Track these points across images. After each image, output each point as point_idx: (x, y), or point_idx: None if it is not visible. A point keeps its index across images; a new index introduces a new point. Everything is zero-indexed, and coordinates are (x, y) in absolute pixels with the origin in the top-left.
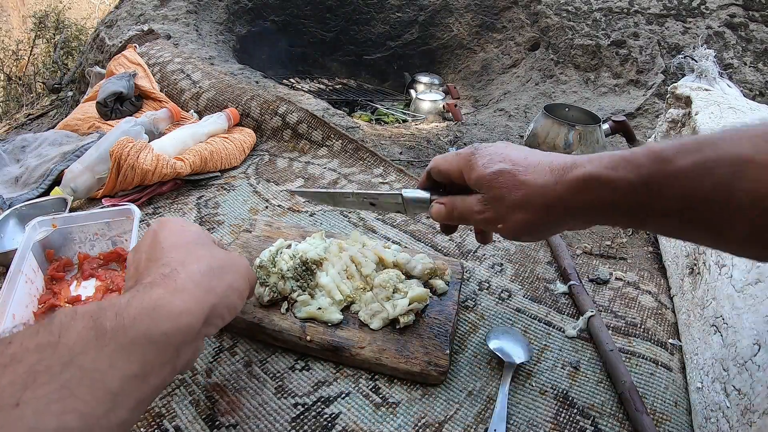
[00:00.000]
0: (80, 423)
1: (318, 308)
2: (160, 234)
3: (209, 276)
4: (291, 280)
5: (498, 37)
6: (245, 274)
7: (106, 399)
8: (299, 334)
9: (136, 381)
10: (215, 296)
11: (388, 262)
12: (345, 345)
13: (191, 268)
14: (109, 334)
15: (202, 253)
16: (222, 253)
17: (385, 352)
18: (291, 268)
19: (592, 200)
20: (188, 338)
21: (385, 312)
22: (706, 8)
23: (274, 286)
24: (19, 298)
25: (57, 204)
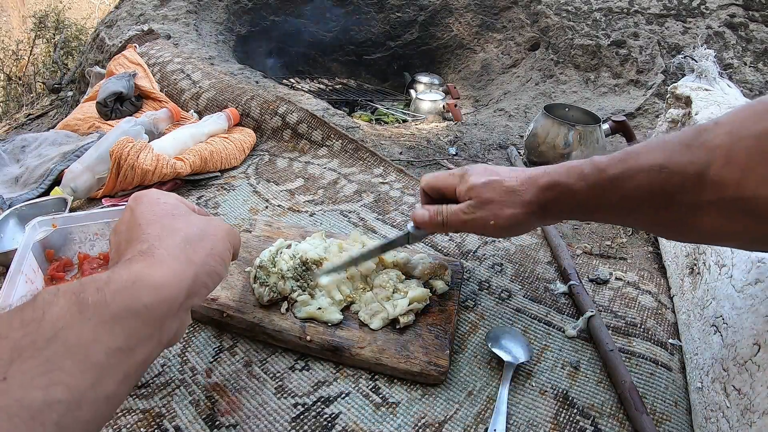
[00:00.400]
0: (67, 395)
1: (318, 308)
2: (137, 211)
3: (187, 246)
4: (291, 280)
5: (498, 37)
6: (224, 238)
7: (91, 372)
8: (299, 334)
9: (122, 354)
10: (195, 266)
11: (388, 262)
12: (345, 345)
13: (168, 242)
14: (91, 309)
15: (179, 224)
16: (200, 220)
17: (385, 352)
18: (291, 268)
19: (555, 198)
20: (171, 310)
21: (385, 312)
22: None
23: (274, 286)
24: (19, 298)
25: (57, 204)
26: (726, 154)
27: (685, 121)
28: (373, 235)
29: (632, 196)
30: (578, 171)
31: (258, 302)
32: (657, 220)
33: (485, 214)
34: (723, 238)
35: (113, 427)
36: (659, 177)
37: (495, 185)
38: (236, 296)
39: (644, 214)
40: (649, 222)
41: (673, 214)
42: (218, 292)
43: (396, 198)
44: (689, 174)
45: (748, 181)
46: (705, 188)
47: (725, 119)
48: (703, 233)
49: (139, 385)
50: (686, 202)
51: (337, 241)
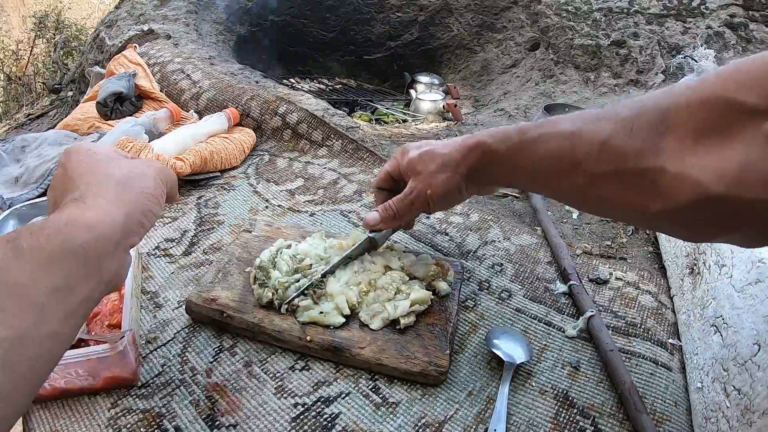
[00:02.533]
0: (9, 333)
1: (320, 312)
2: (68, 165)
3: (117, 188)
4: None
5: (498, 37)
6: (155, 177)
7: (32, 311)
8: (299, 334)
9: (61, 293)
10: (127, 205)
11: (395, 268)
12: (345, 345)
13: (99, 186)
14: (26, 252)
15: (110, 169)
16: (130, 163)
17: (385, 353)
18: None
19: (480, 159)
20: (107, 248)
21: (386, 313)
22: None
23: (275, 290)
24: None
25: None
26: (629, 125)
27: None
28: None
29: (543, 160)
30: (504, 133)
31: (258, 303)
32: (562, 187)
33: (423, 186)
34: (622, 213)
35: (113, 427)
36: (568, 142)
37: (429, 155)
38: (236, 296)
39: (552, 179)
40: (556, 189)
41: (577, 180)
42: (218, 292)
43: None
44: (594, 142)
45: (647, 153)
46: (607, 157)
47: (644, 95)
48: (604, 204)
49: (139, 385)
50: (590, 171)
51: (337, 241)
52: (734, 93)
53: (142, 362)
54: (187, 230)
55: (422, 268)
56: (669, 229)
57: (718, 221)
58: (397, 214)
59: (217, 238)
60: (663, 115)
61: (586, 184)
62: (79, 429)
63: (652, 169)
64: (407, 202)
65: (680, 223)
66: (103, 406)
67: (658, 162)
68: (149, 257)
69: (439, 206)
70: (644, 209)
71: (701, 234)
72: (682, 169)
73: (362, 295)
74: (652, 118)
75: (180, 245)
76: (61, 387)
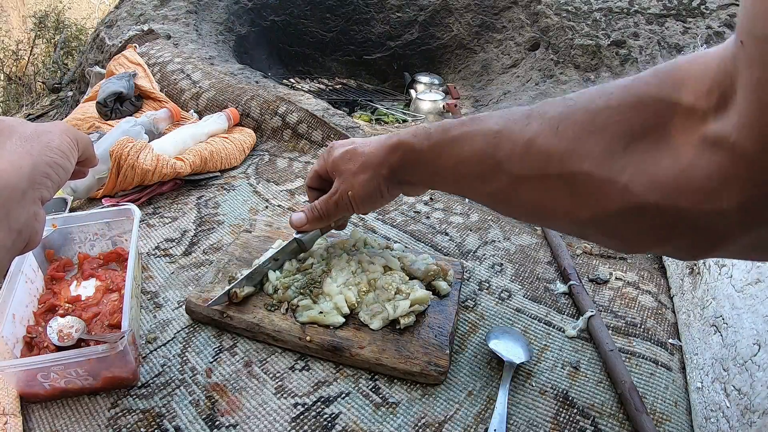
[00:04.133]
0: None
1: (320, 312)
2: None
3: (22, 143)
4: (292, 289)
5: (498, 37)
6: (62, 133)
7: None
8: (299, 334)
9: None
10: (32, 156)
11: (394, 268)
12: (345, 345)
13: (3, 142)
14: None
15: (14, 128)
16: (36, 125)
17: (384, 353)
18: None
19: (401, 159)
20: (14, 197)
21: (386, 313)
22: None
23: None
24: (19, 298)
25: (57, 204)
26: (555, 125)
27: None
28: (373, 235)
29: (466, 161)
30: (425, 132)
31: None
32: (485, 190)
33: (345, 186)
34: (545, 216)
35: (113, 427)
36: (492, 142)
37: (351, 154)
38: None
39: (475, 181)
40: (479, 192)
41: (500, 182)
42: (218, 292)
43: (396, 198)
44: (519, 142)
45: (572, 156)
46: (531, 158)
47: (576, 93)
48: (530, 210)
49: (139, 385)
50: (513, 173)
51: (338, 240)
52: (669, 92)
53: (142, 362)
54: (187, 230)
55: (422, 267)
56: (598, 238)
57: (650, 231)
58: (322, 215)
59: (217, 238)
60: (592, 115)
61: (509, 188)
62: (79, 429)
63: (578, 173)
64: (332, 203)
65: (610, 233)
66: (103, 406)
67: (584, 166)
68: (149, 257)
69: (363, 208)
70: (571, 216)
71: (632, 245)
72: (610, 174)
73: (362, 294)
74: (581, 118)
75: (180, 245)
76: (61, 387)
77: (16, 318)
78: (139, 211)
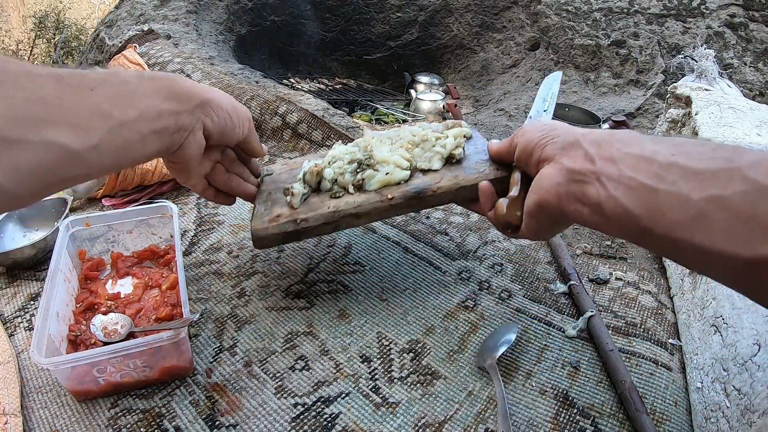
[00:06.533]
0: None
1: (386, 174)
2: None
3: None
4: (348, 174)
5: (498, 37)
6: (244, 108)
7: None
8: (379, 198)
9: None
10: (212, 95)
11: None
12: (424, 188)
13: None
14: (146, 75)
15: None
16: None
17: (458, 178)
18: (352, 168)
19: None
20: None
21: (441, 151)
22: (706, 8)
23: (333, 183)
24: (60, 297)
25: (57, 204)
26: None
27: (685, 121)
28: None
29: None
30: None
31: None
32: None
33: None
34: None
35: (113, 427)
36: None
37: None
38: (290, 210)
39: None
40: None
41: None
42: (278, 210)
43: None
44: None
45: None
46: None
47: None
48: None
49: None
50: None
51: (364, 140)
52: None
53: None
54: (187, 230)
55: (437, 124)
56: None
57: None
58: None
59: (217, 238)
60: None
61: None
62: (79, 429)
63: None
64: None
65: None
66: (103, 406)
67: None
68: None
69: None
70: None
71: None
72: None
73: (410, 151)
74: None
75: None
76: (115, 381)
77: (60, 317)
78: (176, 207)
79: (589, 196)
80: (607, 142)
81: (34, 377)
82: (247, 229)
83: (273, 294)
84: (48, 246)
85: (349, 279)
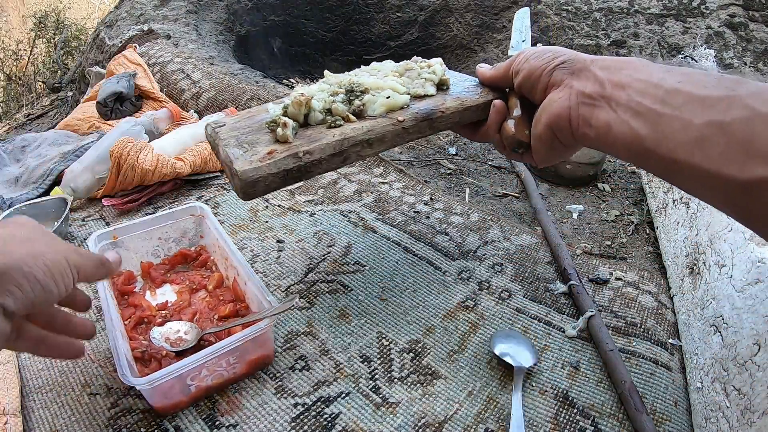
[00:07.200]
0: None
1: (387, 97)
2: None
3: (6, 240)
4: (339, 104)
5: (498, 37)
6: (63, 252)
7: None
8: (390, 122)
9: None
10: (10, 259)
11: None
12: (433, 109)
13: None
14: None
15: (16, 231)
16: (46, 236)
17: (462, 99)
18: (342, 97)
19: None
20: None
21: (431, 78)
22: (706, 8)
23: (325, 114)
24: (116, 317)
25: (57, 204)
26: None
27: None
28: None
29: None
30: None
31: None
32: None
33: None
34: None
35: (113, 427)
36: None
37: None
38: (284, 146)
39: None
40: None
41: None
42: (262, 150)
43: (396, 198)
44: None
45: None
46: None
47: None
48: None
49: None
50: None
51: (343, 76)
52: None
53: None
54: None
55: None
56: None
57: None
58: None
59: None
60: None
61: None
62: (79, 429)
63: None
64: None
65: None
66: (103, 406)
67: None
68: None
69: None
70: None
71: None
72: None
73: (399, 77)
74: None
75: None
76: (205, 386)
77: (124, 336)
78: (207, 208)
79: (599, 119)
80: (617, 68)
81: (34, 377)
82: (247, 228)
83: (273, 294)
84: None
85: (349, 279)
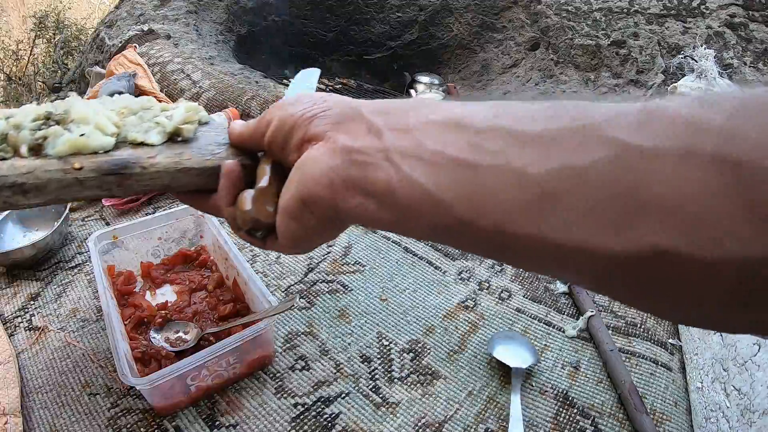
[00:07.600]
0: None
1: (81, 135)
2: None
3: None
4: (26, 131)
5: (498, 37)
6: None
7: None
8: (61, 166)
9: None
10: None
11: None
12: (131, 161)
13: None
14: None
15: None
16: None
17: (183, 155)
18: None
19: None
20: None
21: (164, 122)
22: (706, 8)
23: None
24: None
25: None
26: None
27: None
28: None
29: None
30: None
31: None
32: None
33: None
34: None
35: (113, 427)
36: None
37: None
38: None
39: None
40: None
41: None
42: None
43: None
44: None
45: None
46: None
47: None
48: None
49: None
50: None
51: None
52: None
53: None
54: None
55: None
56: None
57: None
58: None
59: None
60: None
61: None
62: (79, 429)
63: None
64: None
65: None
66: (103, 406)
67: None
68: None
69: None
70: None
71: None
72: None
73: (122, 117)
74: None
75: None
76: (205, 386)
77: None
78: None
79: (375, 183)
80: (400, 110)
81: (34, 377)
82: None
83: (273, 294)
84: (48, 246)
85: (349, 279)
